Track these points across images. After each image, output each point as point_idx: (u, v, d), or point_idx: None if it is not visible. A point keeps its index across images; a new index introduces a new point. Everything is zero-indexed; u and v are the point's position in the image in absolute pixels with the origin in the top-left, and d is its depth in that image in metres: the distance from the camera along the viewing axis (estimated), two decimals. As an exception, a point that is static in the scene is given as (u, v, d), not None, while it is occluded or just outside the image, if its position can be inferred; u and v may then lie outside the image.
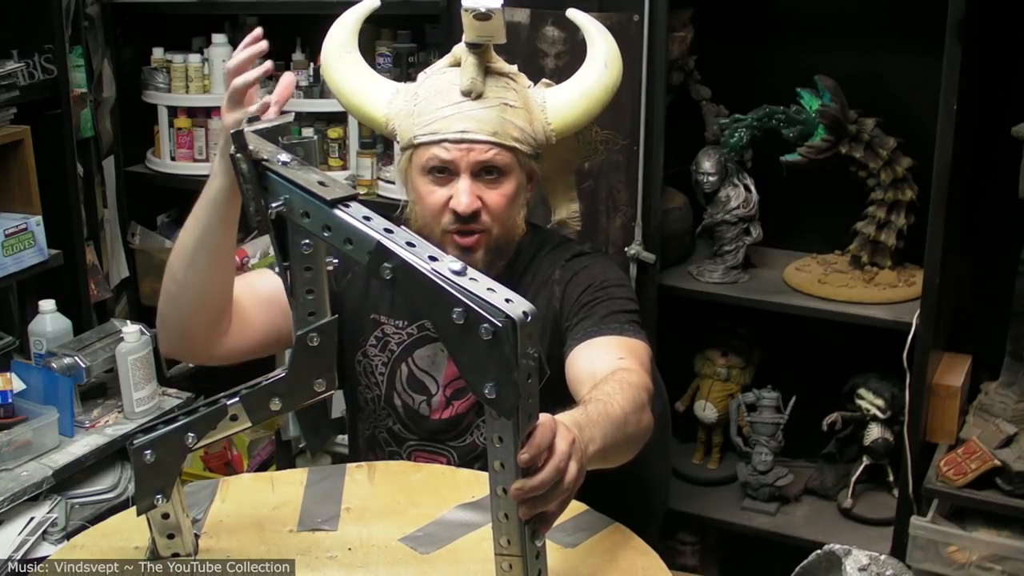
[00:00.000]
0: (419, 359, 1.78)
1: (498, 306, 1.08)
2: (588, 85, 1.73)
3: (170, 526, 1.40)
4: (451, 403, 1.77)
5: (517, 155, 1.67)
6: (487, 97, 1.65)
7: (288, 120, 1.40)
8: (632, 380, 1.49)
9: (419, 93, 1.69)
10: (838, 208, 2.46)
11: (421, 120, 1.66)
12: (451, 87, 1.65)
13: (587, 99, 1.72)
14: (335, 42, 1.76)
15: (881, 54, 2.39)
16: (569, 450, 1.18)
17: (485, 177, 1.66)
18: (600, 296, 1.71)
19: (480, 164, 1.65)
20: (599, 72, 1.73)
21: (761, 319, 2.49)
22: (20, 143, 2.50)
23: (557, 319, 1.72)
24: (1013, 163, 2.07)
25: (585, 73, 1.74)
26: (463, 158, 1.64)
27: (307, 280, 1.30)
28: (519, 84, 1.69)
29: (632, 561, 1.45)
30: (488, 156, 1.65)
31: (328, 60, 1.77)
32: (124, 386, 2.34)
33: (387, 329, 1.79)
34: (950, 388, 2.23)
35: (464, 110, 1.64)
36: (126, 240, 3.01)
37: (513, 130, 1.65)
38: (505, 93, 1.66)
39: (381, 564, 1.45)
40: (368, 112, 1.73)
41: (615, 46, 1.76)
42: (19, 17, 2.55)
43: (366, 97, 1.73)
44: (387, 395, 1.79)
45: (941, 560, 2.12)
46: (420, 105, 1.67)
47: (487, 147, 1.64)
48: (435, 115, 1.65)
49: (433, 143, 1.65)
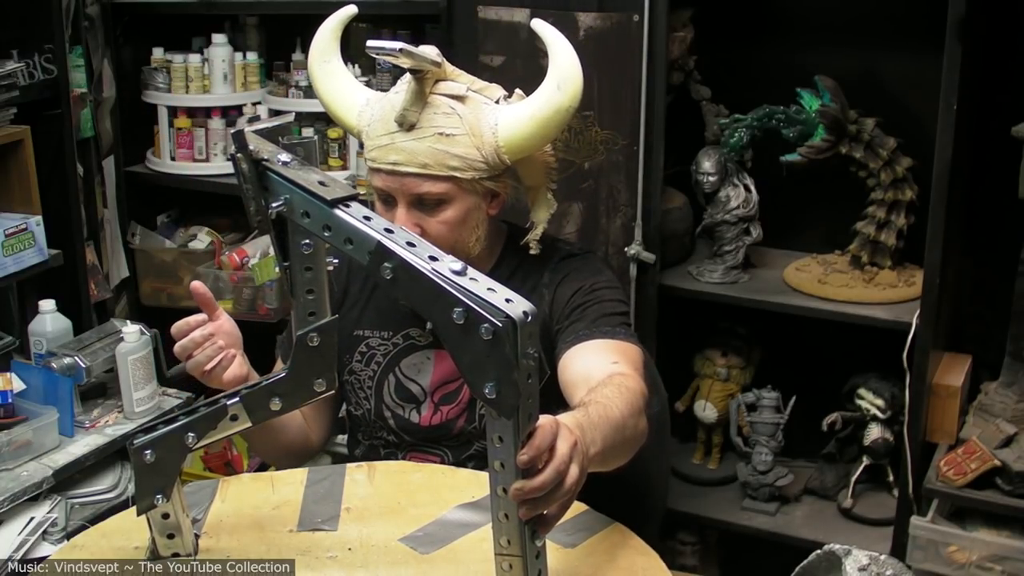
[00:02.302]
0: (405, 368, 1.78)
1: (498, 306, 1.08)
2: (537, 107, 1.63)
3: (170, 526, 1.40)
4: (439, 408, 1.77)
5: (458, 182, 1.63)
6: (421, 127, 1.61)
7: (288, 120, 1.40)
8: (629, 385, 1.50)
9: (374, 113, 1.67)
10: (838, 208, 2.46)
11: (369, 144, 1.67)
12: (391, 114, 1.63)
13: (536, 121, 1.63)
14: (314, 53, 1.76)
15: (881, 54, 2.39)
16: (570, 452, 1.18)
17: (424, 206, 1.65)
18: (591, 299, 1.70)
19: (414, 196, 1.63)
20: (550, 94, 1.63)
21: (761, 319, 2.49)
22: (20, 143, 2.49)
23: (547, 323, 1.71)
24: (1013, 163, 2.07)
25: (539, 94, 1.65)
26: (397, 189, 1.64)
27: (307, 280, 1.30)
28: (468, 107, 1.62)
29: (632, 561, 1.45)
30: (422, 189, 1.63)
31: (310, 71, 1.77)
32: (124, 386, 2.34)
33: (372, 343, 1.79)
34: (950, 388, 2.23)
35: (397, 141, 1.62)
36: (126, 240, 3.01)
37: (449, 159, 1.61)
38: (444, 121, 1.61)
39: (381, 564, 1.45)
40: (344, 122, 1.74)
41: (575, 64, 1.65)
42: (19, 17, 2.55)
43: (341, 108, 1.73)
44: (376, 409, 1.80)
45: (941, 560, 2.12)
46: (369, 128, 1.67)
47: (419, 179, 1.62)
48: (375, 142, 1.65)
49: (374, 170, 1.66)
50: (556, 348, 1.68)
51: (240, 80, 2.90)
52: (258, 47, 2.98)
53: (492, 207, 1.71)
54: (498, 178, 1.67)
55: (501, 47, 2.35)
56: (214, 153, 2.93)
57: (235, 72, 2.89)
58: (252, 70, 2.92)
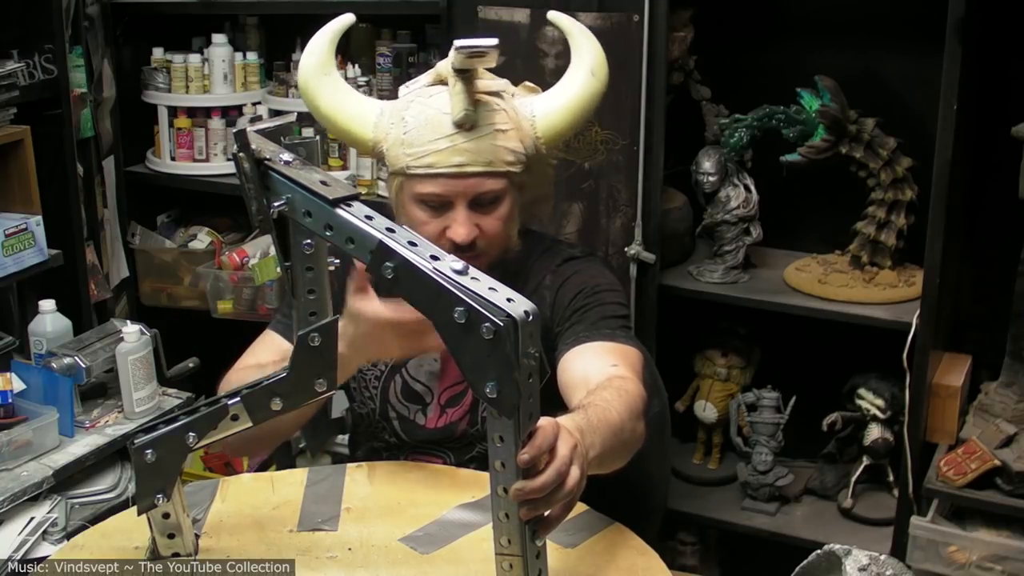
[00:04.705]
0: (412, 369, 1.78)
1: (500, 305, 1.08)
2: (575, 94, 1.67)
3: (170, 526, 1.40)
4: (445, 411, 1.77)
5: (511, 177, 1.64)
6: (479, 126, 1.60)
7: (290, 120, 1.40)
8: (629, 388, 1.50)
9: (407, 119, 1.63)
10: (838, 208, 2.46)
11: (414, 152, 1.62)
12: (442, 117, 1.60)
13: (574, 109, 1.67)
14: (311, 67, 1.69)
15: (881, 54, 2.39)
16: (571, 454, 1.18)
17: (479, 205, 1.64)
18: (591, 302, 1.71)
19: (474, 196, 1.63)
20: (586, 80, 1.67)
21: (761, 319, 2.49)
22: (20, 143, 2.49)
23: (548, 325, 1.71)
24: (1013, 163, 2.07)
25: (572, 81, 1.68)
26: (460, 192, 1.62)
27: (309, 280, 1.31)
28: (506, 102, 1.64)
29: (632, 561, 1.45)
30: (485, 187, 1.63)
31: (307, 87, 1.70)
32: (124, 386, 2.34)
33: None
34: (950, 388, 2.23)
35: (458, 142, 1.60)
36: (126, 240, 3.01)
37: (506, 155, 1.62)
38: (495, 117, 1.61)
39: (381, 564, 1.45)
40: (355, 135, 1.69)
41: (601, 51, 1.71)
42: (19, 17, 2.55)
43: (351, 120, 1.68)
44: (381, 409, 1.80)
45: (941, 560, 2.12)
46: (411, 134, 1.62)
47: (482, 178, 1.62)
48: (428, 147, 1.61)
49: (428, 176, 1.62)
50: (556, 350, 1.68)
51: (240, 80, 2.90)
52: (258, 47, 2.98)
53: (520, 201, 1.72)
54: (527, 169, 1.68)
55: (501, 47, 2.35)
56: (214, 153, 2.93)
57: (235, 72, 2.89)
58: (252, 70, 2.92)
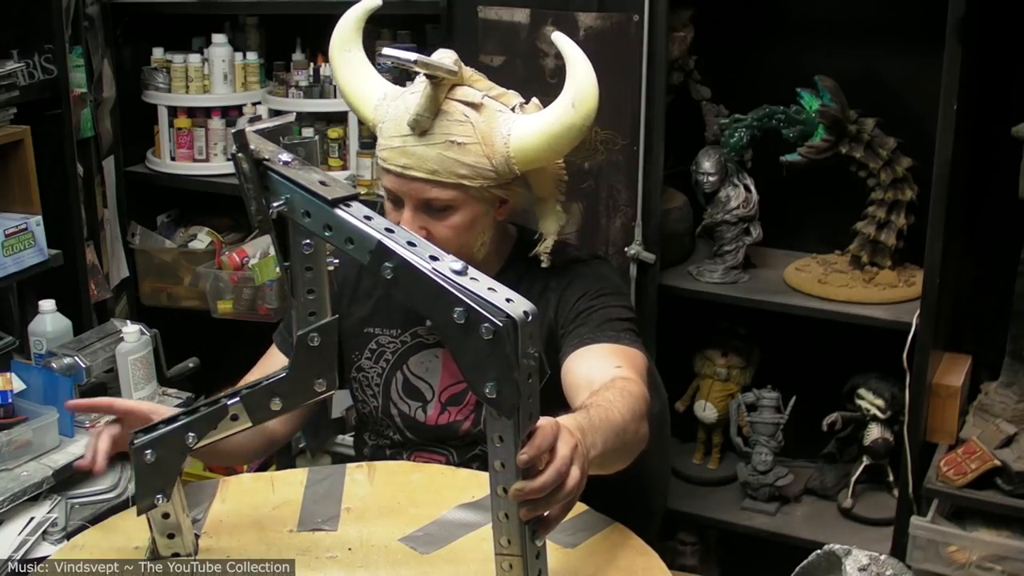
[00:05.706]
0: (413, 366, 1.79)
1: (499, 306, 1.08)
2: (550, 122, 1.62)
3: (170, 526, 1.40)
4: (446, 408, 1.78)
5: (466, 190, 1.63)
6: (432, 133, 1.60)
7: (289, 120, 1.40)
8: (632, 390, 1.50)
9: (388, 110, 1.67)
10: (838, 208, 2.46)
11: (380, 143, 1.67)
12: (404, 116, 1.62)
13: (548, 136, 1.62)
14: (335, 42, 1.77)
15: (881, 54, 2.39)
16: (571, 454, 1.18)
17: (431, 210, 1.65)
18: (596, 304, 1.71)
19: (421, 200, 1.64)
20: (564, 110, 1.62)
21: (761, 319, 2.49)
22: (20, 143, 2.49)
23: (552, 327, 1.72)
24: (1013, 163, 2.07)
25: (553, 109, 1.63)
26: (405, 192, 1.64)
27: (308, 280, 1.31)
28: (482, 114, 1.62)
29: (632, 561, 1.45)
30: (430, 194, 1.63)
31: (331, 58, 1.79)
32: (124, 386, 2.34)
33: (381, 340, 1.80)
34: (950, 388, 2.23)
35: (408, 144, 1.61)
36: (126, 240, 3.01)
37: (458, 167, 1.61)
38: (456, 129, 1.60)
39: (381, 564, 1.45)
40: (360, 113, 1.75)
41: (591, 83, 1.63)
42: (19, 17, 2.54)
43: (358, 100, 1.74)
44: (384, 406, 1.80)
45: (941, 560, 2.12)
46: (383, 126, 1.67)
47: (426, 185, 1.62)
48: (386, 142, 1.65)
49: (383, 170, 1.67)
50: (560, 351, 1.68)
51: (240, 80, 2.90)
52: (258, 47, 2.97)
53: (500, 212, 1.71)
54: (507, 185, 1.67)
55: (501, 47, 2.35)
56: (214, 153, 2.93)
57: (235, 72, 2.89)
58: (252, 70, 2.92)
